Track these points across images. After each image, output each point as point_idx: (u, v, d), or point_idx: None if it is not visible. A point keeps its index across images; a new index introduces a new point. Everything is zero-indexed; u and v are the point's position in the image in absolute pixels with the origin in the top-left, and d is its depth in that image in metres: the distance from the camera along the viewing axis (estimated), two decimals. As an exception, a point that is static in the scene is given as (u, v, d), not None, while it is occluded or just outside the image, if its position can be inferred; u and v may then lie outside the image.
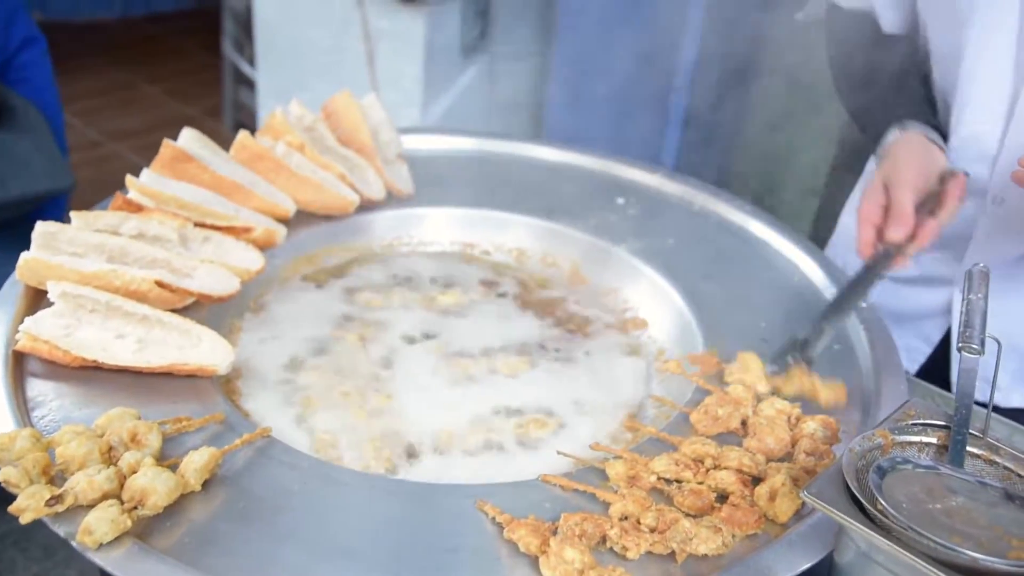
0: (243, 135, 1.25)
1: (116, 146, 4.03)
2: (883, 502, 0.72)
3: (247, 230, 1.16)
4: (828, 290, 1.22)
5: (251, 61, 3.36)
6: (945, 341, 1.30)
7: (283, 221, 1.23)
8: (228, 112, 4.08)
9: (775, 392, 1.01)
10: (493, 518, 0.83)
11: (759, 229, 1.35)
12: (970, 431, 0.82)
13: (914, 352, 1.33)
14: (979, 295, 0.92)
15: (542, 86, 2.83)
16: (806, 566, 0.80)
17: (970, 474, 0.79)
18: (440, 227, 1.37)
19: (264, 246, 1.18)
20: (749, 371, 1.02)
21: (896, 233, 1.07)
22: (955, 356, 1.28)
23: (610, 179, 1.48)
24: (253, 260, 1.13)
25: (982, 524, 0.73)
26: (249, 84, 3.60)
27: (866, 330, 1.12)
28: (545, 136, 2.49)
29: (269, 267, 1.19)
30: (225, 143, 1.27)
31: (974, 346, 0.86)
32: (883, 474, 0.77)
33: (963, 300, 0.91)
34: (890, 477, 0.77)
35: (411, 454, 0.97)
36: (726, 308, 1.18)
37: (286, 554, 0.79)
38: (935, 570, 0.68)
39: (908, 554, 0.69)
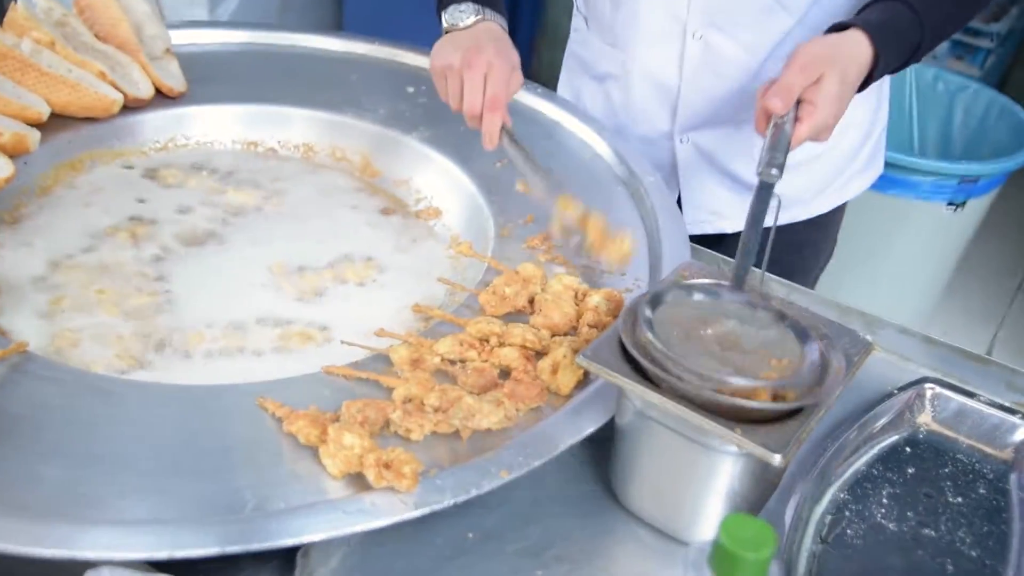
0: (-20, 32, 1.13)
1: None
2: (650, 335, 0.73)
3: (-8, 136, 1.06)
4: (617, 165, 1.22)
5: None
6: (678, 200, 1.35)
7: (36, 125, 1.13)
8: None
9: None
10: (273, 413, 0.80)
11: (551, 111, 1.34)
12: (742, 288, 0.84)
13: None
14: (783, 119, 0.94)
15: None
16: (590, 430, 0.81)
17: (744, 296, 0.80)
18: (219, 125, 1.29)
19: (14, 153, 1.08)
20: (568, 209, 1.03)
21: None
22: (690, 206, 1.33)
23: (399, 68, 1.43)
24: (0, 167, 1.03)
25: (748, 348, 0.75)
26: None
27: (650, 201, 1.14)
28: (345, 30, 2.39)
29: (25, 176, 1.09)
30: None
31: (773, 171, 0.88)
32: (657, 304, 0.78)
33: (769, 125, 0.94)
34: (664, 307, 0.78)
35: (160, 352, 0.92)
36: (519, 191, 1.17)
37: (50, 471, 0.74)
38: (701, 416, 0.70)
39: (676, 404, 0.71)
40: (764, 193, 0.88)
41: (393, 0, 2.53)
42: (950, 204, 2.15)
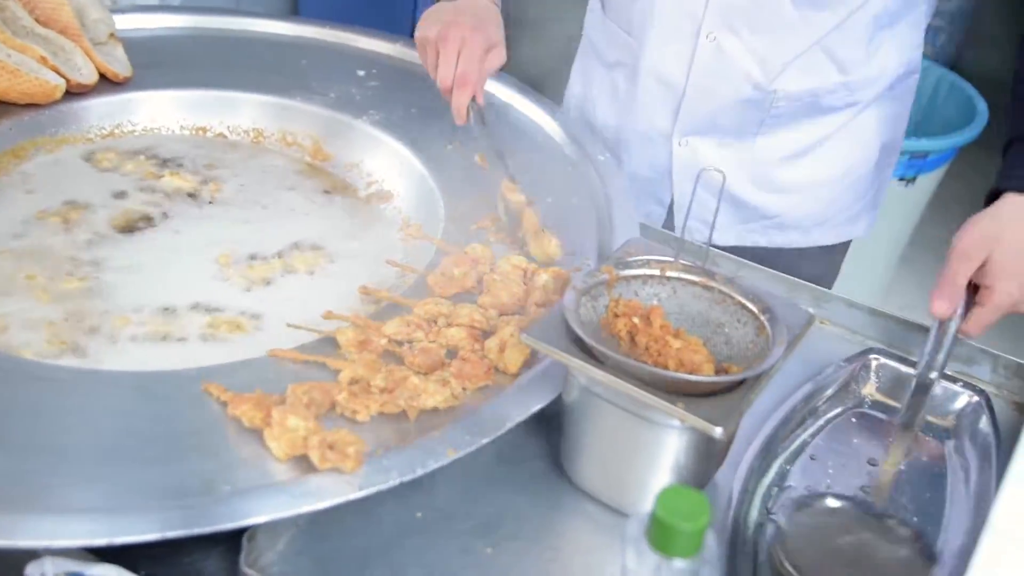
0: (-84, 18, 1.11)
1: None
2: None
3: (-70, 123, 1.04)
4: (568, 145, 1.23)
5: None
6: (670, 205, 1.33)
7: (-24, 113, 1.12)
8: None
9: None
10: (218, 398, 0.79)
11: (502, 92, 1.34)
12: (687, 263, 0.84)
13: (653, 216, 1.34)
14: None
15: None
16: (537, 407, 0.81)
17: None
18: (166, 111, 1.27)
19: (-46, 141, 1.07)
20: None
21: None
22: (681, 210, 1.32)
23: (349, 51, 1.42)
24: (-61, 156, 1.02)
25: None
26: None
27: (604, 183, 1.14)
28: (300, 14, 2.37)
29: (-35, 164, 1.08)
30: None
31: (933, 374, 0.92)
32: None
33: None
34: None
35: (91, 337, 0.91)
36: (469, 173, 1.16)
37: (-10, 462, 0.73)
38: (643, 391, 0.70)
39: (620, 380, 0.71)
40: (921, 394, 0.90)
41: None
42: (901, 179, 2.17)
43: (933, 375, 0.91)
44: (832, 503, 0.78)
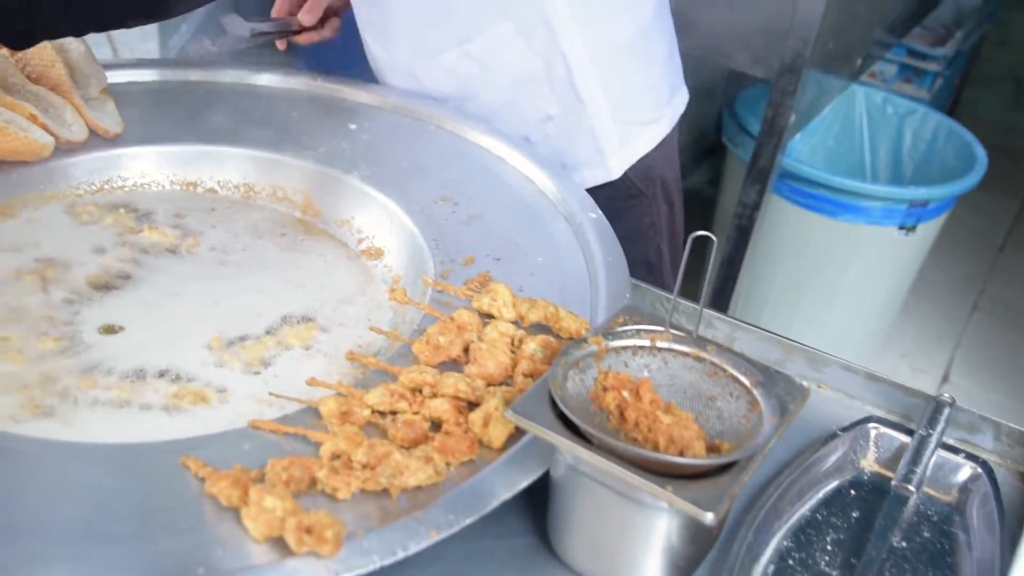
0: (-97, 75, 1.10)
1: None
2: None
3: (-87, 183, 1.03)
4: (561, 203, 1.21)
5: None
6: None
7: (-38, 171, 1.10)
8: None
9: (520, 320, 0.98)
10: (195, 473, 0.77)
11: (494, 146, 1.32)
12: (677, 331, 0.82)
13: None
14: (928, 431, 0.93)
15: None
16: (525, 484, 0.78)
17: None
18: (155, 166, 1.26)
19: (-62, 200, 1.05)
20: (498, 297, 0.99)
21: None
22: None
23: (340, 104, 1.41)
24: (-78, 216, 1.01)
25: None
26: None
27: (595, 242, 1.12)
28: (301, 64, 2.37)
29: (-49, 222, 1.06)
30: None
31: (910, 487, 0.89)
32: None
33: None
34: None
35: (63, 402, 0.89)
36: (460, 229, 1.15)
37: (-40, 544, 0.70)
38: (631, 472, 0.68)
39: (606, 460, 0.69)
40: (898, 505, 0.88)
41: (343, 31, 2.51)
42: (901, 228, 2.15)
43: (911, 488, 0.88)
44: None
